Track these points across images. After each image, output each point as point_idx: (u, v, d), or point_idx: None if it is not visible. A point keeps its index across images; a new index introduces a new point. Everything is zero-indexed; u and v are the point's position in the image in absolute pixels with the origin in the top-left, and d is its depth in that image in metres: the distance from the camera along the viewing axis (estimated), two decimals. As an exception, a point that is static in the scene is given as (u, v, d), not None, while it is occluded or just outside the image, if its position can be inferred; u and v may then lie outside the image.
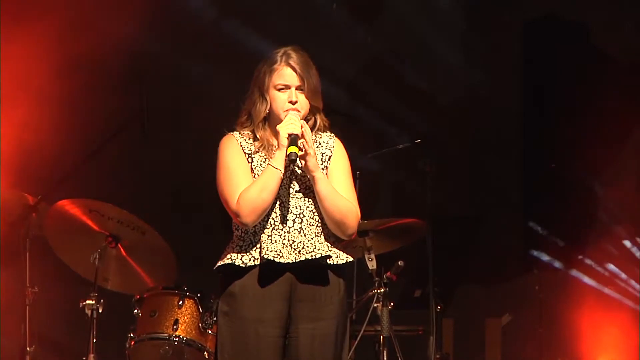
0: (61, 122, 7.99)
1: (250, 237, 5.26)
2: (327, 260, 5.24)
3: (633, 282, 8.44)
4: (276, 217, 5.27)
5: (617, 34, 8.34)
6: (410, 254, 6.92)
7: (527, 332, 8.51)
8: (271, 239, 5.23)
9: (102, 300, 6.73)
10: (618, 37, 8.35)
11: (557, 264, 8.59)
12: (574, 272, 8.55)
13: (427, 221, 7.14)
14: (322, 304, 5.26)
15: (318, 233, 5.28)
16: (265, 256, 5.20)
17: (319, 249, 5.25)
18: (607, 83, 8.32)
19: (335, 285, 5.28)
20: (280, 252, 5.23)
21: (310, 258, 5.22)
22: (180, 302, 6.86)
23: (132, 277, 7.14)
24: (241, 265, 5.23)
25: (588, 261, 8.52)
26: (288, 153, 5.15)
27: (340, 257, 5.27)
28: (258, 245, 5.24)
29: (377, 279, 6.66)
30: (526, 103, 8.81)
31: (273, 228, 5.27)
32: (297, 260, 5.21)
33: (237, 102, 5.42)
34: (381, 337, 6.72)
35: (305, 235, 5.27)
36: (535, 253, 8.59)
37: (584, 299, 8.46)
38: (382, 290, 6.63)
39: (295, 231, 5.27)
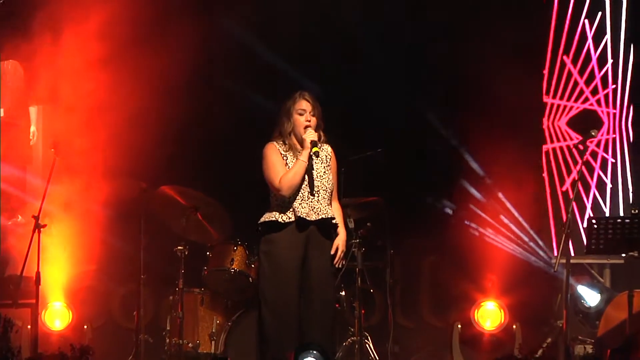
0: (165, 136, 8.90)
1: (286, 204, 6.51)
2: (332, 220, 6.62)
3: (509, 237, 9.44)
4: (304, 192, 6.53)
5: (509, 85, 9.03)
6: (375, 219, 8.13)
7: (446, 266, 9.49)
8: (301, 205, 6.52)
9: (187, 247, 8.08)
10: (509, 86, 9.03)
11: (465, 223, 9.55)
12: (472, 224, 9.51)
13: (384, 198, 8.18)
14: (326, 248, 6.59)
15: (328, 203, 6.59)
16: (299, 214, 6.44)
17: (329, 213, 6.59)
18: (501, 114, 9.24)
19: (333, 236, 6.67)
20: (308, 213, 6.49)
21: (325, 217, 6.56)
22: (235, 248, 8.24)
23: (206, 233, 8.35)
24: (281, 221, 6.48)
25: (480, 220, 9.58)
26: (313, 151, 6.44)
27: (337, 220, 6.67)
28: (291, 209, 6.50)
29: (354, 233, 7.77)
30: (450, 130, 9.60)
31: (302, 199, 6.51)
32: (317, 219, 6.55)
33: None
34: (357, 269, 7.91)
35: (321, 204, 6.54)
36: (450, 214, 9.55)
37: (481, 244, 9.41)
38: (358, 240, 7.89)
39: (315, 201, 6.53)
